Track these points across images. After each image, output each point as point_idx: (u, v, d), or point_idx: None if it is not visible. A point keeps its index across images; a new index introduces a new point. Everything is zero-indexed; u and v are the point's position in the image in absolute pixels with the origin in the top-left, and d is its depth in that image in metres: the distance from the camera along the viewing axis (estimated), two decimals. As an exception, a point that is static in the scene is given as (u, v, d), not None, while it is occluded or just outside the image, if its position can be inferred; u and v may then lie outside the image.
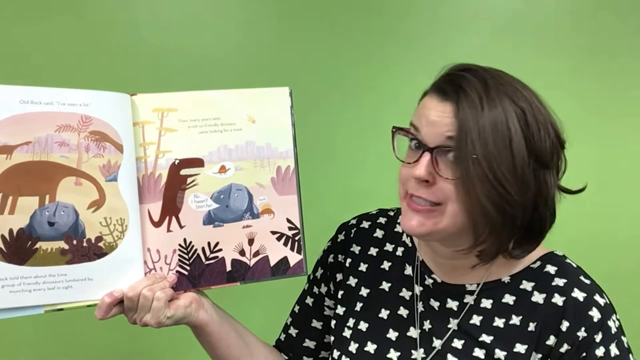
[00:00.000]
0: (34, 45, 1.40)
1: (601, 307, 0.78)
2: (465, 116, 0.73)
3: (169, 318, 0.80)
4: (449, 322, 0.83)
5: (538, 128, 0.74)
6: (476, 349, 0.80)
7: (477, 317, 0.82)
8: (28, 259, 0.75)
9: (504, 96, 0.74)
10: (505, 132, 0.72)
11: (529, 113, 0.74)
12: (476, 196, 0.73)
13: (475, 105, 0.73)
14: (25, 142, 0.75)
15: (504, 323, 0.80)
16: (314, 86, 1.47)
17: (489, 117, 0.72)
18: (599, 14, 1.52)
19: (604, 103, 1.54)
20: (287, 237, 0.87)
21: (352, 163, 1.49)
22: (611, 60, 1.54)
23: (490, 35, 1.53)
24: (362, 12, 1.49)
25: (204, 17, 1.47)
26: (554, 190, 0.77)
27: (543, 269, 0.82)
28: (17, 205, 0.75)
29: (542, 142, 0.74)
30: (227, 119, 0.85)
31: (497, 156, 0.72)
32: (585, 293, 0.79)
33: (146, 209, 0.82)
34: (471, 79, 0.75)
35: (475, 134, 0.72)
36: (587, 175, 0.84)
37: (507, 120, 0.73)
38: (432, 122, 0.76)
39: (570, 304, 0.78)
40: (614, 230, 1.57)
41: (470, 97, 0.74)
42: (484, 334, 0.80)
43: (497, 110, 0.73)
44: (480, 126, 0.72)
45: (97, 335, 1.47)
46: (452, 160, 0.74)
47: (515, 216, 0.74)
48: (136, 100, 0.82)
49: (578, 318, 0.77)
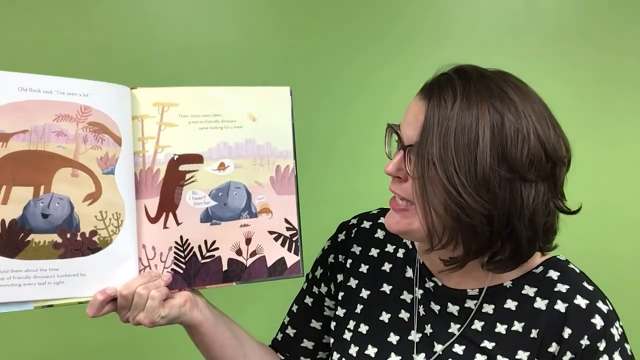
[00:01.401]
0: (33, 43, 1.37)
1: (604, 315, 0.77)
2: (431, 116, 0.72)
3: (163, 318, 0.78)
4: (449, 327, 0.82)
5: (516, 137, 0.71)
6: (478, 355, 0.79)
7: (479, 323, 0.81)
8: (19, 252, 0.72)
9: (484, 101, 0.72)
10: (472, 137, 0.70)
11: (509, 121, 0.71)
12: (430, 198, 0.72)
13: (445, 106, 0.72)
14: (21, 130, 0.73)
15: (505, 329, 0.79)
16: (314, 86, 1.46)
17: (458, 120, 0.71)
18: (599, 14, 1.51)
19: (606, 103, 1.52)
20: (284, 237, 0.86)
21: (351, 164, 1.48)
22: (613, 59, 1.51)
23: (491, 35, 1.51)
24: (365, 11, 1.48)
25: (205, 14, 1.45)
26: (537, 205, 0.72)
27: (545, 274, 0.80)
28: (11, 195, 0.72)
29: (517, 151, 0.70)
30: (228, 115, 0.84)
31: (456, 160, 0.70)
32: (588, 300, 0.77)
33: (143, 204, 0.80)
34: (454, 80, 0.74)
35: (437, 135, 0.71)
36: (589, 176, 0.82)
37: (478, 125, 0.70)
38: (408, 119, 0.77)
39: (573, 311, 0.77)
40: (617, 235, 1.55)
41: (443, 97, 0.73)
42: (485, 340, 0.80)
43: (470, 113, 0.71)
44: (444, 127, 0.71)
45: (91, 333, 1.42)
46: (414, 160, 0.74)
47: (473, 225, 0.71)
48: (136, 93, 0.81)
49: (581, 325, 0.76)
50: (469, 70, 0.76)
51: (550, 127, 0.74)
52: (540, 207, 0.73)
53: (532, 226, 0.73)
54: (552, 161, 0.73)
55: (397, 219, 0.79)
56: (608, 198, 1.49)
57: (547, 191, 0.73)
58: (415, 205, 0.75)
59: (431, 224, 0.74)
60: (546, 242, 0.77)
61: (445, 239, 0.74)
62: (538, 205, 0.72)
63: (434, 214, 0.73)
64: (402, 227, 0.79)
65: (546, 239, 0.77)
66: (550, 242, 0.78)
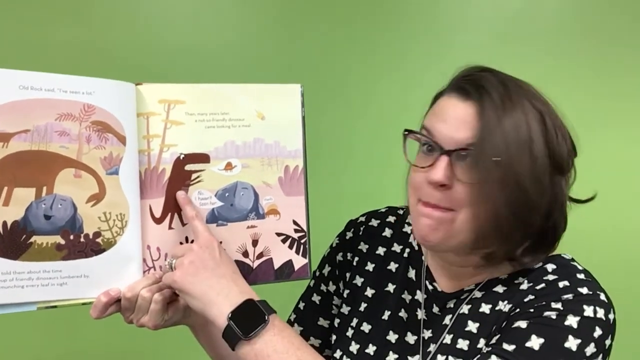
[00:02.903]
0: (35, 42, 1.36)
1: (578, 294, 0.71)
2: (489, 117, 0.71)
3: (167, 320, 0.78)
4: (444, 320, 0.81)
5: (555, 132, 0.73)
6: (460, 340, 0.77)
7: (467, 306, 0.79)
8: (22, 254, 0.71)
9: (523, 98, 0.73)
10: (526, 135, 0.71)
11: (547, 116, 0.73)
12: (495, 200, 0.71)
13: (498, 106, 0.71)
14: (23, 130, 0.71)
15: (490, 309, 0.77)
16: (323, 85, 1.44)
17: (511, 119, 0.71)
18: (600, 14, 1.50)
19: (609, 101, 1.51)
20: (292, 239, 0.84)
21: (361, 164, 1.47)
22: (615, 58, 1.51)
23: (491, 35, 1.50)
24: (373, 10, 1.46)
25: (210, 14, 1.43)
26: (565, 197, 0.76)
27: (542, 266, 0.77)
28: (12, 197, 0.71)
29: (560, 146, 0.73)
30: (236, 114, 0.81)
31: (519, 159, 0.70)
32: (569, 283, 0.73)
33: (147, 205, 0.78)
34: (492, 79, 0.74)
35: (498, 135, 0.70)
36: (593, 177, 0.81)
37: (528, 122, 0.71)
38: (452, 122, 0.73)
39: (547, 288, 0.73)
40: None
41: (493, 97, 0.72)
42: (470, 320, 0.78)
43: (518, 111, 0.71)
44: (502, 128, 0.71)
45: (94, 334, 1.43)
46: (471, 163, 0.72)
47: (531, 222, 0.72)
48: (142, 89, 0.78)
49: (544, 295, 0.72)
50: (494, 70, 0.76)
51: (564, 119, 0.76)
52: (566, 198, 0.76)
53: (563, 218, 0.76)
54: (575, 154, 0.76)
55: (434, 227, 0.74)
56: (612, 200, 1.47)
57: (567, 183, 0.76)
58: (460, 211, 0.73)
59: (479, 228, 0.72)
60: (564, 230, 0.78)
61: (499, 239, 0.73)
62: (565, 197, 0.76)
63: (495, 215, 0.71)
64: (442, 236, 0.74)
65: (566, 226, 0.78)
66: None
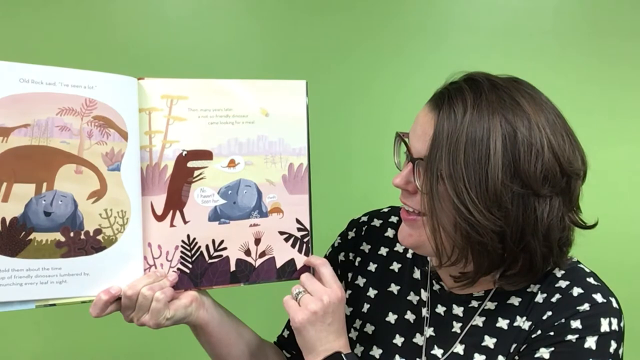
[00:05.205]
0: (36, 39, 1.35)
1: (595, 304, 0.71)
2: (441, 129, 0.69)
3: (168, 319, 0.77)
4: (452, 327, 0.80)
5: (529, 151, 0.67)
6: (476, 355, 0.77)
7: (480, 319, 0.79)
8: (21, 251, 0.70)
9: (496, 112, 0.68)
10: (483, 151, 0.67)
11: (521, 134, 0.67)
12: (439, 215, 0.69)
13: (454, 119, 0.68)
14: (23, 124, 0.69)
15: (507, 324, 0.77)
16: (325, 83, 1.42)
17: (468, 133, 0.67)
18: (600, 14, 1.49)
19: (608, 103, 1.51)
20: (295, 238, 0.83)
21: (362, 163, 1.45)
22: (614, 60, 1.49)
23: (492, 35, 1.49)
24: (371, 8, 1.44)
25: (212, 13, 1.42)
26: (551, 221, 0.69)
27: (551, 271, 0.77)
28: (12, 193, 0.69)
29: (530, 166, 0.67)
30: (240, 110, 0.80)
31: (466, 176, 0.67)
32: (583, 290, 0.73)
33: (149, 202, 0.77)
34: (464, 90, 0.70)
35: (446, 149, 0.68)
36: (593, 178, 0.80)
37: (489, 138, 0.67)
38: (416, 132, 0.74)
39: (563, 298, 0.73)
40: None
41: (453, 109, 0.69)
42: (486, 335, 0.77)
43: (481, 126, 0.67)
44: (454, 141, 0.68)
45: (93, 333, 1.42)
46: (424, 174, 0.71)
47: (484, 243, 0.68)
48: (144, 84, 0.77)
49: (563, 309, 0.72)
50: (480, 80, 0.72)
51: (565, 138, 0.70)
52: (555, 222, 0.70)
53: (546, 242, 0.70)
54: (567, 175, 0.70)
55: (408, 232, 0.77)
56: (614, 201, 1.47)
57: (562, 205, 0.70)
58: (424, 218, 0.73)
59: (439, 241, 0.71)
60: (561, 257, 0.74)
61: (455, 257, 0.71)
62: (553, 221, 0.70)
63: (443, 231, 0.70)
64: (414, 241, 0.77)
65: (561, 253, 0.74)
66: (565, 255, 0.75)
